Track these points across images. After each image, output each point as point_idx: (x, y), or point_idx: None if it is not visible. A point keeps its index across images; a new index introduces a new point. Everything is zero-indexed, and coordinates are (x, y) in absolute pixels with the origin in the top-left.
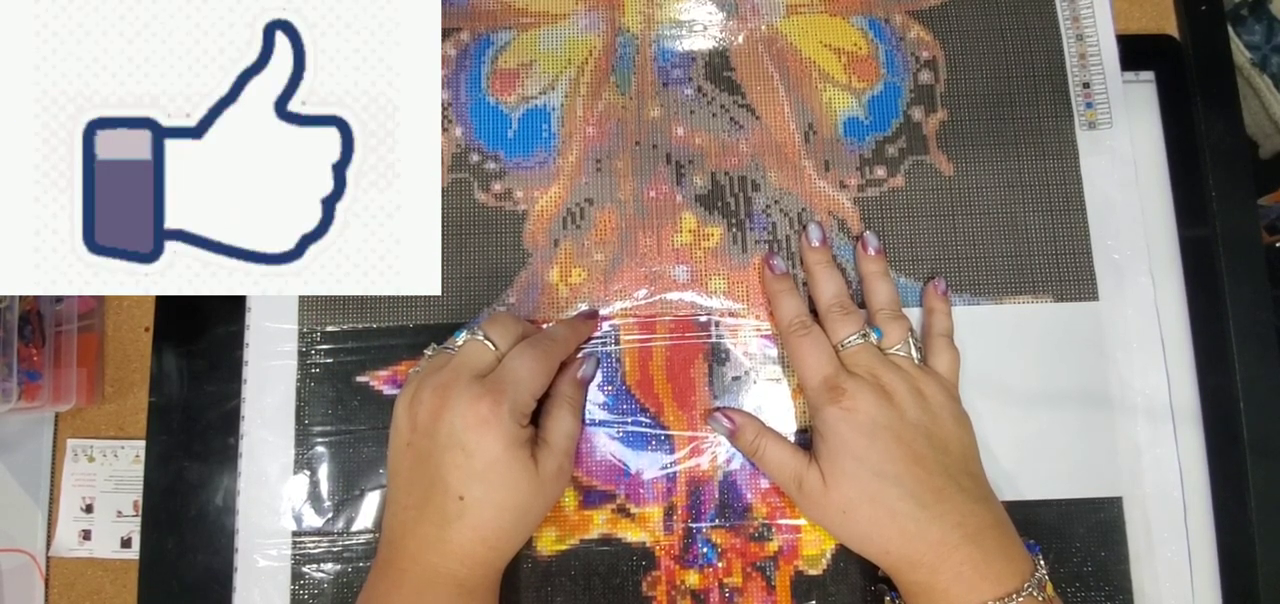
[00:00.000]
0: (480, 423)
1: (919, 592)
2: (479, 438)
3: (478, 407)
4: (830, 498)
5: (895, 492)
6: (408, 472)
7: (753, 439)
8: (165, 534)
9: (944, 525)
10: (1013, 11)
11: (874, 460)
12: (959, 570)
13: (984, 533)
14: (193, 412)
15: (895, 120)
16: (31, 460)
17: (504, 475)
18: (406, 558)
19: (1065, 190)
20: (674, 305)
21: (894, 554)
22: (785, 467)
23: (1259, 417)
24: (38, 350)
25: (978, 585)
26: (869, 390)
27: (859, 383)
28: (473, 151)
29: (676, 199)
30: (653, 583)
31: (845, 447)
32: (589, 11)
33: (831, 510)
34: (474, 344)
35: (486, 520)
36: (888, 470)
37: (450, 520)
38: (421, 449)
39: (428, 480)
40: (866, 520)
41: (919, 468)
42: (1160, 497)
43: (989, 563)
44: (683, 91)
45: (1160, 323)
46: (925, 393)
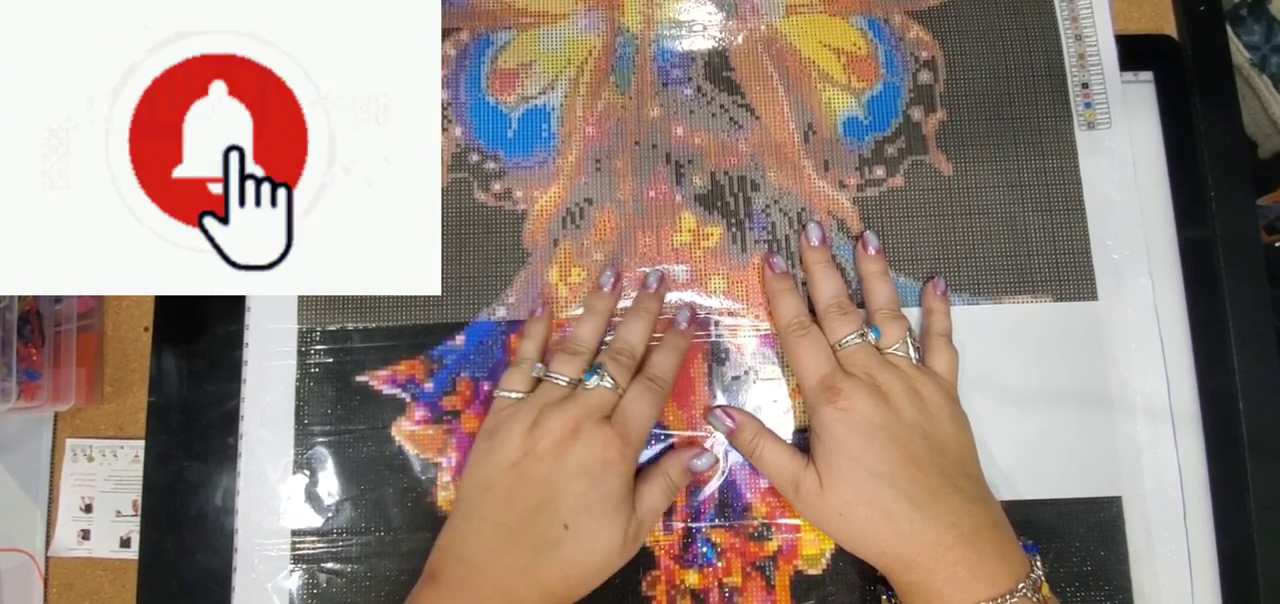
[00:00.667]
0: (608, 462)
1: (914, 592)
2: (604, 473)
3: (608, 448)
4: (826, 500)
5: (890, 492)
6: (507, 490)
7: (751, 439)
8: (164, 534)
9: (939, 526)
10: (1012, 12)
11: (870, 461)
12: (953, 571)
13: (979, 534)
14: (192, 411)
15: (894, 120)
16: (31, 460)
17: (611, 515)
18: (487, 584)
19: (1064, 190)
20: (674, 305)
21: (889, 555)
22: (783, 468)
23: (1259, 417)
24: (37, 350)
25: (972, 586)
26: (865, 391)
27: (855, 383)
28: (472, 151)
29: (676, 199)
30: (652, 583)
31: (841, 447)
32: (589, 11)
33: (828, 512)
34: (602, 389)
35: (581, 556)
36: (883, 471)
37: (547, 547)
38: (534, 473)
39: (533, 503)
40: (862, 521)
41: (915, 469)
42: (1160, 497)
43: (984, 563)
44: (682, 91)
45: (1160, 323)
46: (922, 393)
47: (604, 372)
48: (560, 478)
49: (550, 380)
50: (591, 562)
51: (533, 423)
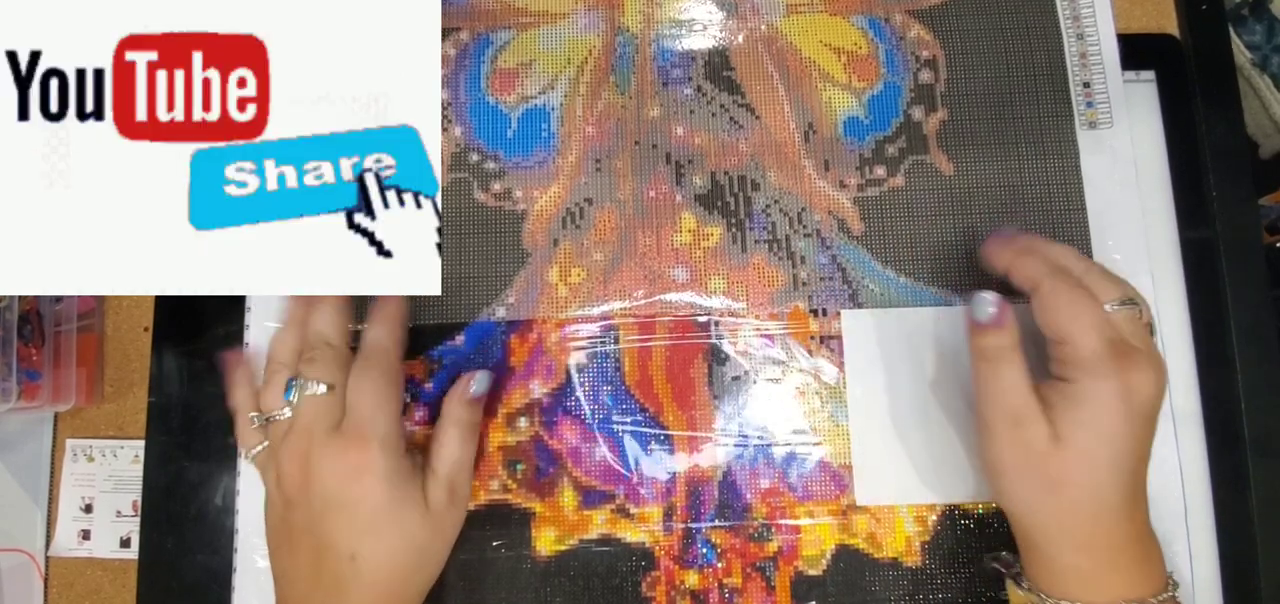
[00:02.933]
0: (355, 474)
1: (1069, 574)
2: (356, 490)
3: (346, 459)
4: (1050, 462)
5: (1115, 487)
6: (290, 544)
7: (1007, 346)
8: (165, 534)
9: (1132, 525)
10: (1013, 11)
11: (1124, 450)
12: (1118, 563)
13: (1145, 536)
14: (192, 411)
15: (895, 120)
16: (31, 460)
17: (392, 520)
18: None
19: (1065, 190)
20: (673, 305)
21: (1069, 532)
22: (1012, 395)
23: (1259, 417)
24: (37, 350)
25: (1139, 583)
26: (1156, 371)
27: (1149, 359)
28: (472, 151)
29: (676, 199)
30: (652, 583)
31: (1105, 426)
32: (588, 11)
33: (1041, 472)
34: (312, 400)
35: (382, 574)
36: (1125, 465)
37: (345, 582)
38: (298, 523)
39: (313, 551)
40: (1070, 501)
41: (1142, 467)
42: (1160, 497)
43: (1148, 562)
44: (682, 91)
45: (1160, 323)
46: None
47: (303, 382)
48: (317, 518)
49: (273, 418)
50: (399, 567)
51: (276, 475)
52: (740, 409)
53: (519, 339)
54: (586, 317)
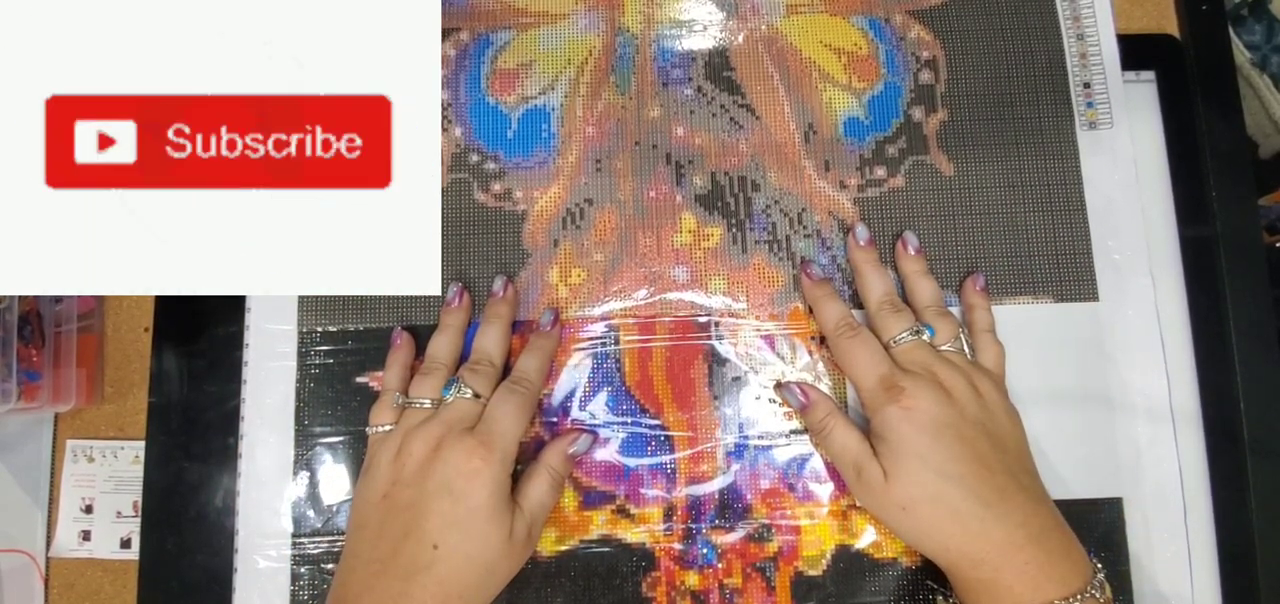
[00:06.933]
0: (473, 472)
1: (981, 589)
2: (468, 485)
3: (472, 458)
4: (891, 494)
5: (958, 492)
6: (378, 524)
7: (823, 418)
8: (165, 535)
9: (1008, 525)
10: (1013, 11)
11: (938, 461)
12: (1022, 570)
13: (1047, 534)
14: (192, 412)
15: (895, 120)
16: (31, 461)
17: (482, 526)
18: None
19: (1066, 190)
20: (674, 306)
21: (955, 552)
22: (848, 452)
23: (1259, 417)
24: (37, 351)
25: (1043, 585)
26: (929, 388)
27: (917, 381)
28: (472, 151)
29: (676, 199)
30: (653, 584)
31: (908, 446)
32: (589, 11)
33: (891, 506)
34: (462, 402)
35: (455, 572)
36: (951, 471)
37: (418, 571)
38: (401, 500)
39: (401, 531)
40: (927, 519)
41: (981, 467)
42: (1160, 497)
43: (1053, 564)
44: (682, 91)
45: (1160, 323)
46: (981, 389)
47: (462, 384)
48: (424, 499)
49: (412, 405)
50: (470, 574)
51: (398, 450)
52: (740, 410)
53: (519, 340)
54: (587, 317)
